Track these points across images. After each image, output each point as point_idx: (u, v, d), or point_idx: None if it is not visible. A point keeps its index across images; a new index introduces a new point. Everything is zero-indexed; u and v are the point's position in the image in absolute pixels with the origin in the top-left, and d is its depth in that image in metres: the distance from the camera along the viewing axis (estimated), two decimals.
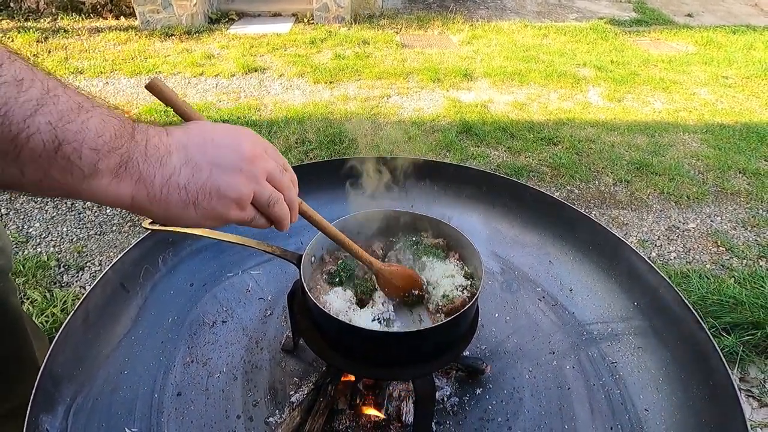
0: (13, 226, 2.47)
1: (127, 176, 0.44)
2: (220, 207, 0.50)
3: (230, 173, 0.50)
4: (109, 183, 0.43)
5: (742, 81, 4.81)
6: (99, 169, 0.41)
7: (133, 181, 0.44)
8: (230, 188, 0.50)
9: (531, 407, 0.97)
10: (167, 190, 0.46)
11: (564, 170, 3.13)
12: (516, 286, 1.23)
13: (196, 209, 0.49)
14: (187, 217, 0.49)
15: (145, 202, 0.46)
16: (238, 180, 0.51)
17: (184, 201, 0.48)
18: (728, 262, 2.44)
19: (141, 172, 0.44)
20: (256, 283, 1.22)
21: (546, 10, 7.08)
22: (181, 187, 0.47)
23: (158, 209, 0.47)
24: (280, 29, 5.61)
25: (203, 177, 0.49)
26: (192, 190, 0.48)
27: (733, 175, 3.20)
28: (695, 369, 0.93)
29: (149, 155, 0.45)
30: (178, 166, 0.47)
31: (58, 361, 0.84)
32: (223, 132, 0.52)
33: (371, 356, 0.81)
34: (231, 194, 0.50)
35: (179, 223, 0.49)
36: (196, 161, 0.48)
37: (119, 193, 0.44)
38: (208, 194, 0.49)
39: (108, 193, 0.43)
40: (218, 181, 0.49)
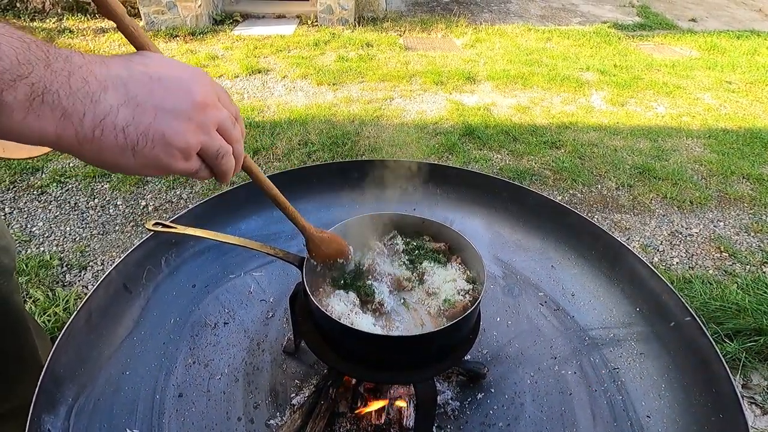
0: (16, 225, 2.48)
1: (46, 110, 0.38)
2: (163, 156, 0.45)
3: (178, 120, 0.45)
4: (23, 119, 0.37)
5: (745, 86, 4.80)
6: (5, 102, 0.35)
7: (55, 118, 0.38)
8: (177, 136, 0.45)
9: (532, 412, 0.96)
10: (100, 132, 0.41)
11: (566, 174, 3.12)
12: (518, 290, 1.23)
13: (134, 156, 0.43)
14: (123, 164, 0.44)
15: (74, 143, 0.40)
16: (186, 128, 0.46)
17: (121, 146, 0.42)
18: (731, 267, 2.43)
19: (65, 108, 0.38)
20: (258, 285, 1.22)
21: (549, 13, 7.08)
22: (118, 129, 0.42)
23: (89, 152, 0.42)
24: (283, 31, 5.63)
25: (146, 121, 0.43)
26: (131, 134, 0.42)
27: (737, 181, 3.19)
28: (697, 375, 0.92)
29: (75, 89, 0.39)
30: (115, 106, 0.41)
31: (61, 361, 0.84)
32: (172, 71, 0.47)
33: (373, 360, 0.81)
34: (177, 143, 0.45)
35: (114, 169, 0.44)
36: (138, 101, 0.43)
37: (40, 129, 0.38)
38: (151, 140, 0.44)
39: (26, 129, 0.38)
40: (164, 127, 0.44)
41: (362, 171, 1.42)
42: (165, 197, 2.75)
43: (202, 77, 0.49)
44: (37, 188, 2.75)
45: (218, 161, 0.51)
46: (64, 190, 2.76)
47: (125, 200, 2.71)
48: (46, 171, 2.89)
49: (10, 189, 2.74)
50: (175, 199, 2.74)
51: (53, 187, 2.77)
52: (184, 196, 2.77)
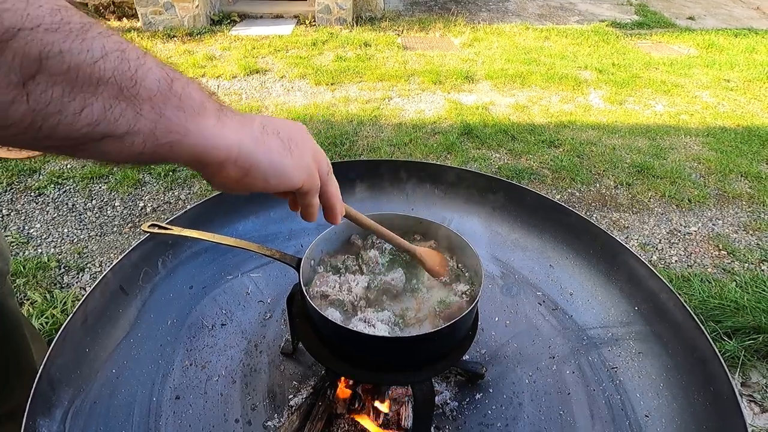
0: (13, 226, 2.47)
1: (228, 120, 0.45)
2: (307, 157, 0.53)
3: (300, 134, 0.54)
4: (215, 125, 0.43)
5: (743, 84, 4.81)
6: (206, 108, 0.43)
7: (234, 124, 0.46)
8: (307, 143, 0.55)
9: (530, 412, 0.96)
10: (266, 135, 0.49)
11: (565, 173, 3.12)
12: (516, 289, 1.23)
13: (291, 155, 0.51)
14: (286, 165, 0.50)
15: (251, 146, 0.47)
16: (308, 138, 0.56)
17: (282, 146, 0.50)
18: (730, 265, 2.43)
19: (239, 118, 0.47)
20: (256, 286, 1.22)
21: (547, 12, 7.08)
22: (275, 132, 0.50)
23: (264, 153, 0.48)
24: (281, 31, 5.63)
25: (286, 129, 0.52)
26: (284, 138, 0.51)
27: (735, 179, 3.19)
28: (696, 374, 0.92)
29: (236, 114, 0.48)
30: (262, 121, 0.51)
31: (56, 364, 0.84)
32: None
33: (370, 361, 0.81)
34: (310, 146, 0.55)
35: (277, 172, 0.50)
36: (272, 121, 0.52)
37: (227, 136, 0.44)
38: (296, 143, 0.52)
39: (217, 136, 0.43)
40: (297, 135, 0.53)
41: (360, 171, 1.42)
42: (163, 198, 2.74)
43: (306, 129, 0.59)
44: (34, 190, 2.74)
45: (329, 177, 0.59)
46: (61, 192, 2.75)
47: (123, 201, 2.70)
48: (44, 172, 2.88)
49: (8, 191, 2.73)
50: (173, 200, 2.73)
51: (51, 188, 2.76)
52: (182, 197, 2.76)
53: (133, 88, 0.37)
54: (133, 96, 0.37)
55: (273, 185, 0.50)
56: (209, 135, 0.43)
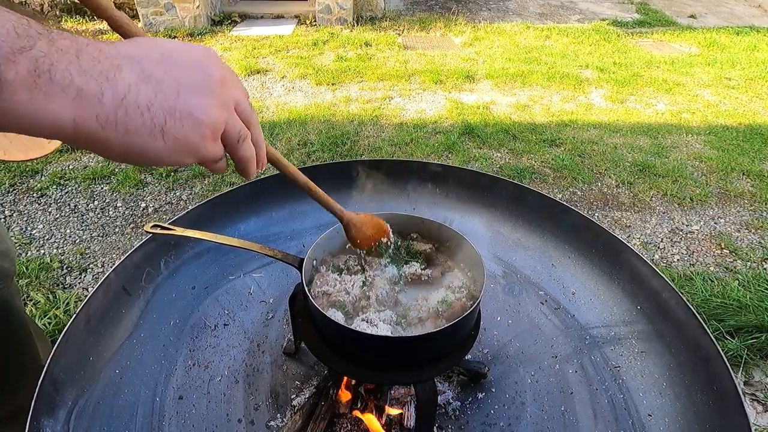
0: (16, 227, 2.48)
1: (56, 90, 0.33)
2: (193, 135, 0.41)
3: (203, 95, 0.41)
4: (29, 99, 0.32)
5: (745, 82, 4.80)
6: (6, 79, 0.31)
7: (69, 98, 0.34)
8: (205, 112, 0.41)
9: (533, 412, 0.96)
10: (124, 112, 0.37)
11: (566, 172, 3.12)
12: (518, 289, 1.23)
13: (165, 137, 0.39)
14: (154, 149, 0.39)
15: (95, 128, 0.36)
16: (211, 103, 0.42)
17: (149, 126, 0.38)
18: (732, 264, 2.43)
19: (79, 87, 0.34)
20: (258, 286, 1.22)
21: (548, 11, 7.07)
22: (142, 107, 0.37)
23: (115, 138, 0.37)
24: (282, 31, 5.63)
25: (170, 97, 0.39)
26: (158, 113, 0.38)
27: (737, 177, 3.18)
28: (699, 373, 0.92)
29: (86, 68, 0.35)
30: (134, 83, 0.37)
31: (60, 364, 0.84)
32: (181, 48, 0.43)
33: (373, 361, 0.81)
34: (206, 119, 0.41)
35: (142, 157, 0.39)
36: (157, 78, 0.39)
37: (53, 113, 0.34)
38: (179, 118, 0.40)
39: (36, 115, 0.33)
40: (190, 102, 0.40)
41: (362, 171, 1.42)
42: (164, 199, 2.75)
43: (213, 54, 0.45)
44: (36, 191, 2.75)
45: (239, 144, 0.46)
46: (63, 193, 2.76)
47: (125, 202, 2.71)
48: (46, 173, 2.89)
49: (10, 192, 2.74)
50: (175, 201, 2.74)
51: (53, 189, 2.77)
52: (184, 197, 2.77)
53: None
54: None
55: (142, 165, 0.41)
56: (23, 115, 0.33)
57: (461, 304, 0.85)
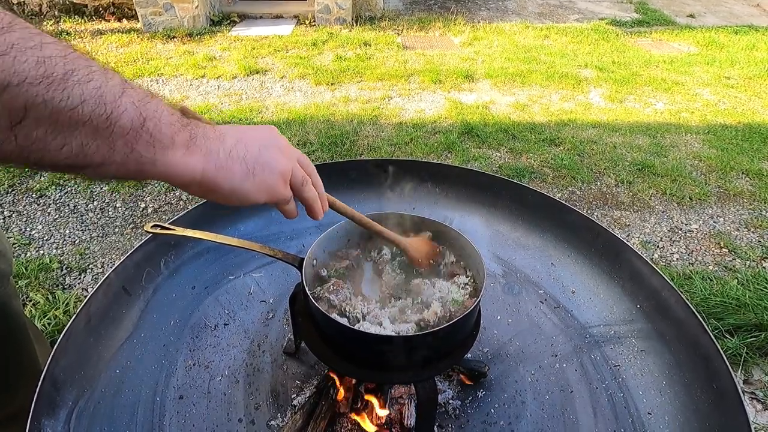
0: (15, 228, 2.48)
1: (196, 150, 0.51)
2: (271, 179, 0.58)
3: (274, 151, 0.59)
4: (183, 155, 0.49)
5: (744, 81, 4.80)
6: (175, 142, 0.49)
7: (202, 154, 0.51)
8: (277, 162, 0.59)
9: (533, 410, 0.96)
10: (230, 162, 0.54)
11: (566, 171, 3.12)
12: (518, 288, 1.23)
13: (254, 179, 0.56)
14: (247, 188, 0.56)
15: (213, 172, 0.52)
16: (281, 157, 0.60)
17: (244, 171, 0.55)
18: (731, 263, 2.43)
19: (208, 147, 0.52)
20: (258, 286, 1.22)
21: (547, 11, 7.08)
22: (240, 158, 0.55)
23: (224, 178, 0.54)
24: (281, 31, 5.63)
25: (255, 152, 0.57)
26: (250, 162, 0.56)
27: (736, 176, 3.19)
28: (699, 372, 0.92)
29: (210, 135, 0.53)
30: (234, 143, 0.55)
31: (60, 364, 0.84)
32: (256, 126, 0.62)
33: (372, 360, 0.81)
34: (278, 167, 0.59)
35: (238, 194, 0.56)
36: (245, 141, 0.57)
37: (192, 165, 0.50)
38: (261, 166, 0.57)
39: (183, 165, 0.50)
40: (267, 156, 0.58)
41: (361, 170, 1.42)
42: (164, 199, 2.75)
43: (276, 130, 0.64)
44: (36, 191, 2.75)
45: (303, 188, 0.63)
46: (63, 193, 2.76)
47: (124, 202, 2.70)
48: (45, 174, 2.89)
49: (9, 192, 2.74)
50: (174, 201, 2.74)
51: (52, 189, 2.77)
52: (183, 197, 2.77)
53: (107, 129, 0.43)
54: (107, 135, 0.43)
55: (235, 203, 0.57)
56: (174, 164, 0.49)
57: (463, 303, 0.85)
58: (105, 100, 0.42)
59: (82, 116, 0.41)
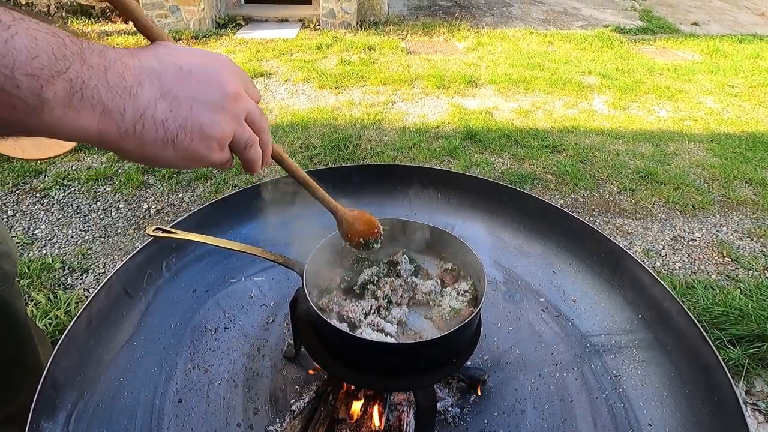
0: (18, 227, 2.49)
1: (86, 107, 0.38)
2: (201, 147, 0.46)
3: (213, 111, 0.46)
4: (63, 114, 0.37)
5: (748, 90, 4.80)
6: (46, 99, 0.35)
7: (96, 114, 0.38)
8: (213, 127, 0.46)
9: (533, 420, 0.96)
10: (141, 126, 0.41)
11: (568, 178, 3.12)
12: (519, 296, 1.23)
13: (175, 149, 0.44)
14: (163, 157, 0.44)
15: (116, 138, 0.41)
16: (221, 119, 0.46)
17: (161, 139, 0.43)
18: (734, 272, 2.42)
19: (105, 104, 0.39)
20: (259, 290, 1.22)
21: (551, 17, 7.10)
22: (158, 123, 0.42)
23: (131, 147, 0.42)
24: (286, 35, 5.66)
25: (183, 113, 0.44)
26: (171, 128, 0.43)
27: (739, 185, 3.18)
28: (700, 383, 0.92)
29: (112, 84, 0.39)
30: (153, 99, 0.42)
31: (61, 366, 0.84)
32: (201, 61, 0.47)
33: (372, 367, 0.81)
34: (215, 133, 0.46)
35: (153, 162, 0.45)
36: (174, 94, 0.43)
37: (81, 127, 0.38)
38: (190, 133, 0.44)
39: (67, 126, 0.38)
40: (201, 119, 0.45)
41: (363, 175, 1.42)
42: (167, 200, 2.76)
43: (230, 65, 0.49)
44: (39, 191, 2.76)
45: (246, 151, 0.51)
46: (66, 193, 2.77)
47: (127, 203, 2.72)
48: (49, 174, 2.90)
49: (13, 192, 2.75)
50: (177, 202, 2.75)
51: (56, 189, 2.78)
52: (186, 199, 2.78)
53: None
54: None
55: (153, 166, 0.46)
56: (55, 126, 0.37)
57: (463, 311, 0.85)
58: None
59: None
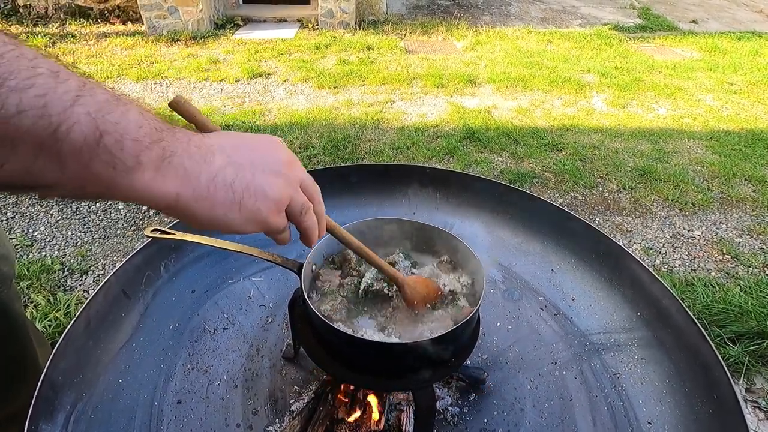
0: (18, 229, 2.49)
1: (171, 172, 0.42)
2: (263, 208, 0.49)
3: (271, 175, 0.50)
4: (152, 178, 0.41)
5: (747, 87, 4.79)
6: (141, 162, 0.40)
7: (177, 178, 0.43)
8: (273, 189, 0.50)
9: (532, 418, 0.96)
10: (214, 188, 0.46)
11: (568, 176, 3.12)
12: (518, 294, 1.23)
13: (240, 210, 0.48)
14: (230, 219, 0.48)
15: (191, 200, 0.44)
16: (279, 182, 0.50)
17: (230, 200, 0.47)
18: (734, 270, 2.42)
19: (186, 168, 0.43)
20: (258, 290, 1.22)
21: (550, 16, 7.09)
22: (227, 185, 0.46)
23: (203, 208, 0.46)
24: (285, 35, 5.65)
25: (248, 177, 0.48)
26: (238, 189, 0.47)
27: (739, 183, 3.18)
28: (699, 381, 0.92)
29: (192, 153, 0.44)
30: (223, 165, 0.47)
31: (59, 368, 0.84)
32: (255, 138, 0.53)
33: (371, 367, 0.81)
34: (274, 195, 0.50)
35: (220, 225, 0.48)
36: (238, 162, 0.48)
37: (163, 189, 0.42)
38: (253, 194, 0.48)
39: (151, 189, 0.42)
40: (261, 181, 0.49)
41: (362, 175, 1.42)
42: None
43: (281, 142, 0.55)
44: None
45: (302, 217, 0.54)
46: None
47: (127, 204, 2.71)
48: None
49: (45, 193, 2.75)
50: None
51: None
52: None
53: (54, 146, 0.36)
54: (54, 152, 0.36)
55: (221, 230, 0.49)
56: (141, 188, 0.41)
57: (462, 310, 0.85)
58: (50, 110, 0.35)
59: (19, 130, 0.34)
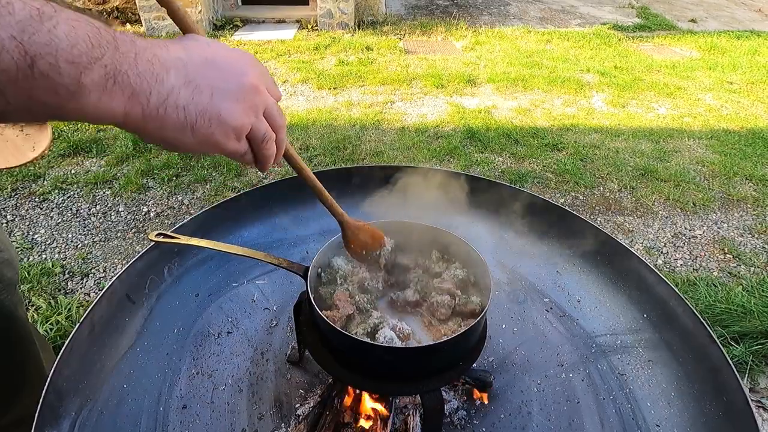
0: (18, 232, 2.48)
1: (117, 90, 0.40)
2: (218, 134, 0.48)
3: (233, 100, 0.48)
4: (98, 99, 0.39)
5: (747, 86, 4.80)
6: (84, 85, 0.38)
7: (125, 96, 0.41)
8: (231, 116, 0.48)
9: (539, 421, 0.95)
10: (164, 110, 0.44)
11: (568, 176, 3.12)
12: (523, 296, 1.22)
13: (193, 133, 0.46)
14: (182, 141, 0.46)
15: (139, 120, 0.43)
16: (239, 108, 0.48)
17: (182, 123, 0.45)
18: (736, 269, 2.42)
19: (134, 87, 0.41)
20: (262, 293, 1.21)
21: (549, 16, 7.09)
22: (179, 108, 0.44)
23: (153, 128, 0.44)
24: (284, 36, 5.65)
25: (204, 100, 0.46)
26: (191, 113, 0.45)
27: (740, 182, 3.18)
28: (707, 383, 0.91)
29: (142, 70, 0.42)
30: (177, 86, 0.44)
31: (64, 374, 0.83)
32: (225, 54, 0.49)
33: (378, 370, 0.80)
34: (232, 122, 0.48)
35: (172, 146, 0.47)
36: (197, 83, 0.46)
37: (110, 108, 0.41)
38: (208, 119, 0.46)
39: (99, 109, 0.40)
40: (220, 106, 0.47)
41: (363, 176, 1.41)
42: (167, 203, 2.75)
43: (252, 61, 0.51)
44: (38, 195, 2.75)
45: (263, 145, 0.53)
46: (65, 197, 2.76)
47: (127, 207, 2.70)
48: (48, 178, 2.89)
49: (12, 196, 2.74)
50: (177, 205, 2.74)
51: (55, 194, 2.77)
52: (186, 201, 2.77)
53: None
54: None
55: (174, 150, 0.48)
56: (89, 110, 0.40)
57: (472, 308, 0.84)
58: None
59: None
